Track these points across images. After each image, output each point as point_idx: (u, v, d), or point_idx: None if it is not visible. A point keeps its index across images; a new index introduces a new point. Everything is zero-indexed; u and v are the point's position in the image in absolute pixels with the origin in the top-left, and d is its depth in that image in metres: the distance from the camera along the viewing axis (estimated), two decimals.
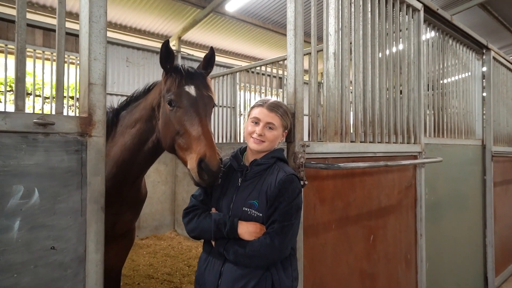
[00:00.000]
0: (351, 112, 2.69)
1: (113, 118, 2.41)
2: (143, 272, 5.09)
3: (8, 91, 6.62)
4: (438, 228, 3.59)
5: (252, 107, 1.96)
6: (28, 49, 5.67)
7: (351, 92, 2.71)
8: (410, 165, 3.12)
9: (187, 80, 2.03)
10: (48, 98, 6.17)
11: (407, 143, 3.14)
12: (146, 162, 2.35)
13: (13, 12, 5.78)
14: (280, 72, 6.01)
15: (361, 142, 2.67)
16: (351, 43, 2.64)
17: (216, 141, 6.49)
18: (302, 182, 2.03)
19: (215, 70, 7.75)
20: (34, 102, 6.50)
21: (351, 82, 2.64)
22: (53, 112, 1.65)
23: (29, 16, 6.02)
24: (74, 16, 6.61)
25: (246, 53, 9.51)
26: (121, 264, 2.75)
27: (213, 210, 1.93)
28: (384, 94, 2.91)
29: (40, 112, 5.95)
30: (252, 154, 1.95)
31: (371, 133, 2.80)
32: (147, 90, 2.41)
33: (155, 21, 7.27)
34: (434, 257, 3.47)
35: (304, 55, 2.87)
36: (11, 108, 5.91)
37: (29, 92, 7.37)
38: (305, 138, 2.25)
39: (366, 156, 2.69)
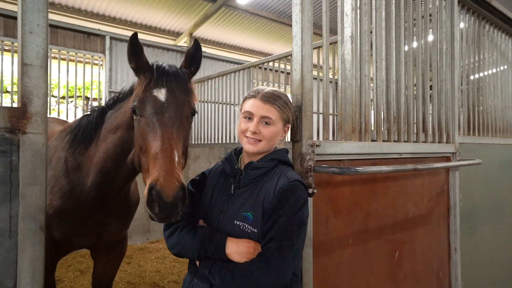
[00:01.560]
0: (372, 106, 2.29)
1: (97, 118, 2.07)
2: (149, 279, 4.83)
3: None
4: (474, 241, 3.11)
5: (244, 100, 1.62)
6: None
7: (372, 83, 2.30)
8: (443, 168, 2.67)
9: (158, 82, 1.61)
10: (63, 98, 6.02)
11: (439, 142, 2.70)
12: (131, 174, 2.01)
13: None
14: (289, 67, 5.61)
15: (383, 141, 2.26)
16: (371, 24, 2.24)
17: (229, 142, 6.15)
18: (310, 190, 1.65)
19: (226, 67, 7.43)
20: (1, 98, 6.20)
21: (371, 71, 2.24)
22: None
23: None
24: (83, 13, 6.45)
25: (261, 49, 9.16)
26: (110, 279, 2.45)
27: (201, 222, 1.59)
28: (411, 85, 2.48)
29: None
30: (248, 156, 1.61)
31: (396, 130, 2.38)
32: (133, 89, 2.06)
33: (165, 17, 7.04)
34: (470, 274, 2.99)
35: (314, 49, 2.49)
36: None
37: None
38: (315, 137, 1.86)
39: (390, 157, 2.27)
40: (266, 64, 5.97)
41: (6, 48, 5.34)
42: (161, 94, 1.58)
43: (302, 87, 1.73)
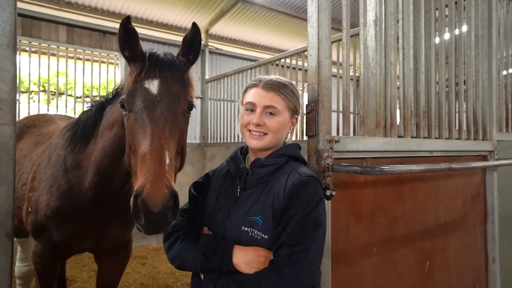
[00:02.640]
0: (399, 98, 2.05)
1: (96, 114, 1.91)
2: (163, 281, 4.71)
3: (42, 91, 6.61)
4: None
5: (245, 90, 1.44)
6: (52, 46, 5.54)
7: (399, 72, 2.06)
8: (479, 168, 2.38)
9: (150, 72, 1.41)
10: (80, 97, 6.00)
11: (474, 139, 2.41)
12: (129, 174, 1.82)
13: (36, 9, 5.70)
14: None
15: (412, 137, 2.02)
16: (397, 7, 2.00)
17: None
18: (328, 192, 1.45)
19: (243, 65, 7.26)
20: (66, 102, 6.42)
21: (398, 58, 2.00)
22: None
23: (54, 12, 5.92)
24: (100, 12, 6.45)
25: (279, 46, 8.92)
26: (115, 283, 2.31)
27: (205, 230, 1.42)
28: (443, 75, 2.22)
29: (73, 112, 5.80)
30: (253, 153, 1.42)
31: (426, 125, 2.13)
32: None
33: (181, 14, 6.94)
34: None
35: (332, 42, 2.26)
36: (44, 108, 5.82)
37: (62, 92, 7.37)
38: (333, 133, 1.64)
39: (419, 156, 2.02)
40: (283, 61, 5.76)
41: (27, 48, 5.38)
42: (153, 85, 1.39)
43: (318, 74, 1.52)
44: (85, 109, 2.05)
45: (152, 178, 1.15)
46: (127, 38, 1.42)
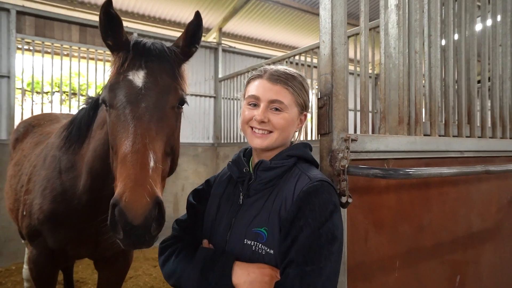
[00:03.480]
0: (424, 92, 1.82)
1: (90, 111, 1.77)
2: None
3: (56, 91, 6.63)
4: None
5: (247, 82, 1.27)
6: (64, 46, 5.52)
7: (425, 62, 1.84)
8: None
9: (134, 62, 1.26)
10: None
11: (511, 138, 2.15)
12: None
13: (49, 9, 5.70)
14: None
15: (440, 136, 1.79)
16: None
17: None
18: (344, 199, 1.25)
19: (257, 63, 7.09)
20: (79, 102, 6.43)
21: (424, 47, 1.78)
22: None
23: (66, 12, 5.91)
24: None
25: (294, 44, 8.70)
26: None
27: (205, 243, 1.26)
28: (475, 65, 1.97)
29: None
30: (257, 155, 1.25)
31: (455, 122, 1.89)
32: None
33: (193, 12, 6.83)
34: None
35: (348, 37, 2.05)
36: (63, 108, 5.82)
37: (75, 91, 7.41)
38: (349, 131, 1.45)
39: (448, 156, 1.79)
40: (297, 58, 5.55)
41: (38, 48, 5.39)
42: (137, 77, 1.23)
43: (332, 63, 1.32)
44: (81, 106, 1.93)
45: (132, 184, 0.99)
46: (109, 25, 1.26)
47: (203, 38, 7.53)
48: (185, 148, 6.53)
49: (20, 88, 5.27)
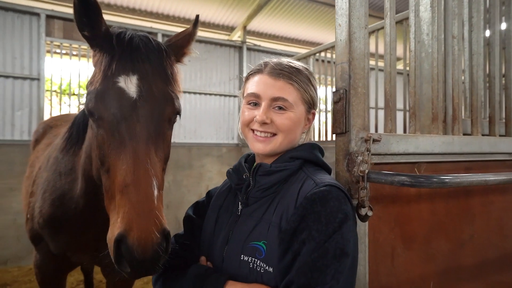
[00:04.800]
0: (464, 84, 1.57)
1: (84, 115, 1.65)
2: None
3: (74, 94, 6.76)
4: None
5: (246, 78, 1.13)
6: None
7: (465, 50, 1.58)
8: None
9: (124, 64, 1.09)
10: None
11: None
12: None
13: None
14: None
15: (483, 135, 1.53)
16: None
17: None
18: (363, 211, 1.05)
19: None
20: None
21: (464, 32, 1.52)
22: None
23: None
24: (138, 12, 6.46)
25: (320, 41, 8.36)
26: None
27: (202, 260, 1.12)
28: None
29: None
30: (260, 160, 1.09)
31: (502, 120, 1.61)
32: None
33: (218, 11, 6.74)
34: None
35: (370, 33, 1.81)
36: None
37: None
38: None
39: (493, 159, 1.53)
40: (323, 55, 5.29)
41: (66, 51, 5.51)
42: (130, 84, 1.07)
43: (350, 50, 1.12)
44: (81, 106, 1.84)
45: (139, 219, 0.91)
46: (84, 12, 1.12)
47: (227, 37, 7.42)
48: (209, 148, 6.45)
49: (49, 90, 5.41)
